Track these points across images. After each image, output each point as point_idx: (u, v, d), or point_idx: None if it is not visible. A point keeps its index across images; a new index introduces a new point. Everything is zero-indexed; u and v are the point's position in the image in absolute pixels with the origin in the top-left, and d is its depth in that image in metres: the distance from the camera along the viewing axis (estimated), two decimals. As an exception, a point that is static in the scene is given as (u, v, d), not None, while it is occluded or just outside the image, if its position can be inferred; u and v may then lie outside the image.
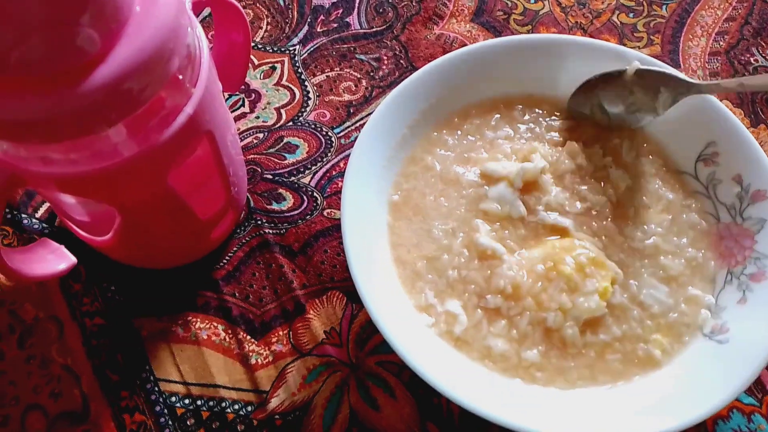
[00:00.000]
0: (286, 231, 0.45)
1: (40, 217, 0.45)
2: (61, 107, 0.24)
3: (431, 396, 0.40)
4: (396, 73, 0.53)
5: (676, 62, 0.54)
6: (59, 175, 0.29)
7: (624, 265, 0.40)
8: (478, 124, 0.45)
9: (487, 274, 0.39)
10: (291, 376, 0.40)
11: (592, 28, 0.56)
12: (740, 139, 0.41)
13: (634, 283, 0.39)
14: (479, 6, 0.57)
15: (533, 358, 0.37)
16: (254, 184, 0.47)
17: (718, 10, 0.57)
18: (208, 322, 0.42)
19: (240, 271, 0.44)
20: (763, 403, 0.40)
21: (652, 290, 0.39)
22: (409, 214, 0.42)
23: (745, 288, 0.38)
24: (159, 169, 0.32)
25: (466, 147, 0.44)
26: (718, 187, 0.42)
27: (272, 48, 0.54)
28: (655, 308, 0.39)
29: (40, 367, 0.40)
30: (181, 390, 0.40)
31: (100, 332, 0.42)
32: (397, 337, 0.34)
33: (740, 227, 0.40)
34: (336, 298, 0.43)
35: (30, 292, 0.42)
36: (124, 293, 0.43)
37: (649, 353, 0.37)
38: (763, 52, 0.55)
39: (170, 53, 0.27)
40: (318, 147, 0.49)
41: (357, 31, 0.55)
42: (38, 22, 0.23)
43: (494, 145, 0.44)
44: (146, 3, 0.26)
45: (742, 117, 0.51)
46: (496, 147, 0.44)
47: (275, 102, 0.51)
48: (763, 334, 0.36)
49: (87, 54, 0.24)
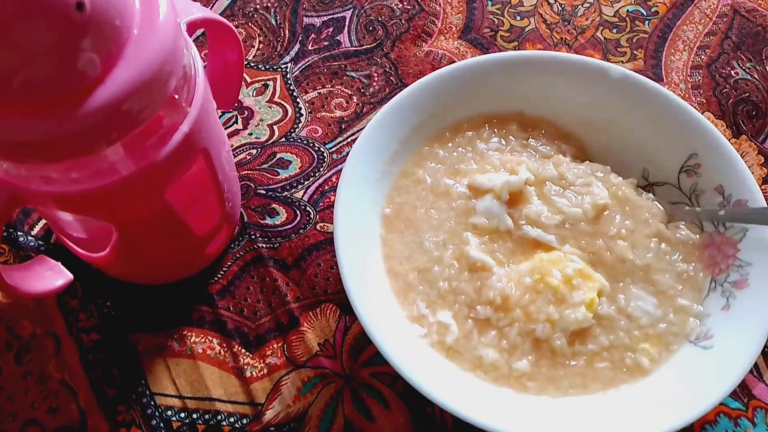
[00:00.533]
0: (279, 245, 0.46)
1: (36, 235, 0.46)
2: (63, 128, 0.25)
3: (425, 406, 0.40)
4: (386, 89, 0.54)
5: (659, 76, 0.55)
6: (59, 193, 0.29)
7: (611, 277, 0.41)
8: (470, 137, 0.46)
9: (477, 285, 0.40)
10: (286, 388, 0.41)
11: (577, 44, 0.57)
12: (721, 150, 0.42)
13: (621, 296, 0.40)
14: (467, 23, 0.58)
15: (523, 368, 0.38)
16: (248, 200, 0.48)
17: (699, 25, 0.59)
18: (203, 336, 0.43)
19: (234, 285, 0.45)
20: (749, 407, 0.41)
21: (640, 302, 0.40)
22: (401, 227, 0.42)
23: (729, 295, 0.39)
24: (156, 186, 0.32)
25: (456, 159, 0.45)
26: (700, 197, 0.43)
27: (264, 66, 0.55)
28: (644, 320, 0.39)
29: (37, 382, 0.41)
30: (177, 404, 0.41)
31: (96, 347, 0.42)
32: (390, 348, 0.35)
33: (723, 236, 0.41)
34: (330, 310, 0.44)
35: (27, 309, 0.43)
36: (120, 309, 0.43)
37: (637, 362, 0.38)
38: (743, 66, 0.56)
39: (168, 74, 0.28)
40: (310, 162, 0.50)
41: (347, 49, 0.56)
42: (41, 47, 0.23)
43: (484, 156, 0.45)
44: (144, 26, 0.27)
45: (723, 129, 0.53)
46: (485, 159, 0.45)
47: (268, 119, 0.52)
48: (746, 339, 0.36)
49: (87, 77, 0.25)
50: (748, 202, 0.40)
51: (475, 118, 0.46)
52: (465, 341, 0.39)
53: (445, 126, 0.46)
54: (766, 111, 0.54)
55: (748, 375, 0.42)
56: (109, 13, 0.25)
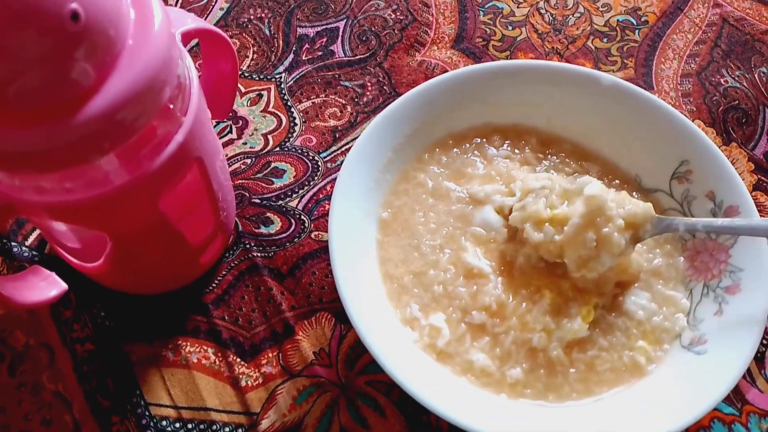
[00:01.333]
0: (274, 254, 0.46)
1: (30, 245, 0.46)
2: (57, 138, 0.25)
3: (421, 414, 0.40)
4: (380, 98, 0.54)
5: (650, 84, 0.56)
6: (52, 203, 0.29)
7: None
8: (478, 143, 0.46)
9: (473, 290, 0.40)
10: (281, 398, 0.41)
11: (568, 53, 0.58)
12: (712, 157, 0.42)
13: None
14: (459, 33, 0.59)
15: (517, 375, 0.38)
16: (242, 209, 0.48)
17: (688, 34, 0.60)
18: (198, 346, 0.43)
19: (229, 294, 0.45)
20: (742, 412, 0.41)
21: (634, 297, 0.40)
22: (398, 230, 0.43)
23: (721, 300, 0.39)
24: (151, 195, 0.32)
25: (460, 164, 0.45)
26: (692, 204, 0.43)
27: (259, 76, 0.55)
28: (640, 313, 0.40)
29: (31, 394, 0.40)
30: (171, 414, 0.40)
31: (90, 358, 0.42)
32: (387, 357, 0.35)
33: (715, 242, 0.41)
34: (325, 319, 0.44)
35: (20, 320, 0.43)
36: (115, 319, 0.43)
37: (635, 361, 0.38)
38: (732, 74, 0.57)
39: (162, 84, 0.28)
40: (305, 171, 0.50)
41: (341, 59, 0.56)
42: (35, 56, 0.23)
43: (492, 162, 0.45)
44: (139, 36, 0.27)
45: (714, 136, 0.53)
46: (493, 164, 0.45)
47: (262, 128, 0.52)
48: (739, 344, 0.37)
49: (81, 86, 0.25)
50: (739, 208, 0.41)
51: (468, 128, 0.47)
52: (456, 344, 0.39)
53: (439, 135, 0.46)
54: (755, 118, 0.54)
55: (741, 380, 0.42)
56: (104, 23, 0.25)
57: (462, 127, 0.47)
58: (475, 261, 0.41)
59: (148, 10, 0.28)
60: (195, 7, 0.59)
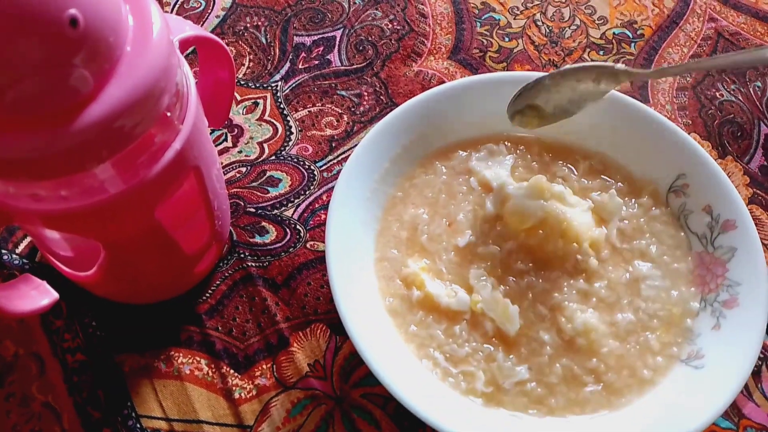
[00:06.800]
0: (269, 264, 0.46)
1: (21, 253, 0.45)
2: (54, 145, 0.25)
3: (416, 427, 0.40)
4: (377, 108, 0.54)
5: (645, 97, 0.56)
6: (47, 211, 0.29)
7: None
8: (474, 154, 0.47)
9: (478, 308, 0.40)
10: (275, 410, 0.40)
11: (565, 66, 0.58)
12: (709, 170, 0.42)
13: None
14: (456, 44, 0.59)
15: (514, 389, 0.38)
16: (237, 218, 0.47)
17: (684, 48, 0.60)
18: (190, 357, 0.42)
19: (223, 304, 0.44)
20: (739, 426, 0.41)
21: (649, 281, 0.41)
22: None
23: (719, 315, 0.39)
24: (147, 204, 0.32)
25: (463, 167, 0.46)
26: (689, 218, 0.43)
27: (255, 84, 0.55)
28: (651, 293, 0.41)
29: (20, 405, 0.40)
30: (163, 426, 0.40)
31: (81, 369, 0.41)
32: (383, 369, 0.34)
33: (712, 256, 0.41)
34: (320, 330, 0.43)
35: (10, 329, 0.42)
36: (106, 329, 0.43)
37: (640, 375, 0.38)
38: (728, 87, 0.57)
39: (161, 92, 0.28)
40: (300, 180, 0.50)
41: (338, 68, 0.56)
42: (34, 62, 0.23)
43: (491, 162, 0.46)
44: (138, 43, 0.27)
45: (709, 149, 0.53)
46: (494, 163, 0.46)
47: (258, 137, 0.52)
48: (737, 359, 0.37)
49: (80, 93, 0.25)
50: (736, 222, 0.41)
51: (465, 138, 0.47)
52: (456, 357, 0.39)
53: (436, 145, 0.46)
54: (750, 132, 0.54)
55: (738, 394, 0.42)
56: (103, 30, 0.25)
57: (459, 138, 0.47)
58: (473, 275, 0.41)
59: (147, 17, 0.28)
60: (191, 14, 0.59)
